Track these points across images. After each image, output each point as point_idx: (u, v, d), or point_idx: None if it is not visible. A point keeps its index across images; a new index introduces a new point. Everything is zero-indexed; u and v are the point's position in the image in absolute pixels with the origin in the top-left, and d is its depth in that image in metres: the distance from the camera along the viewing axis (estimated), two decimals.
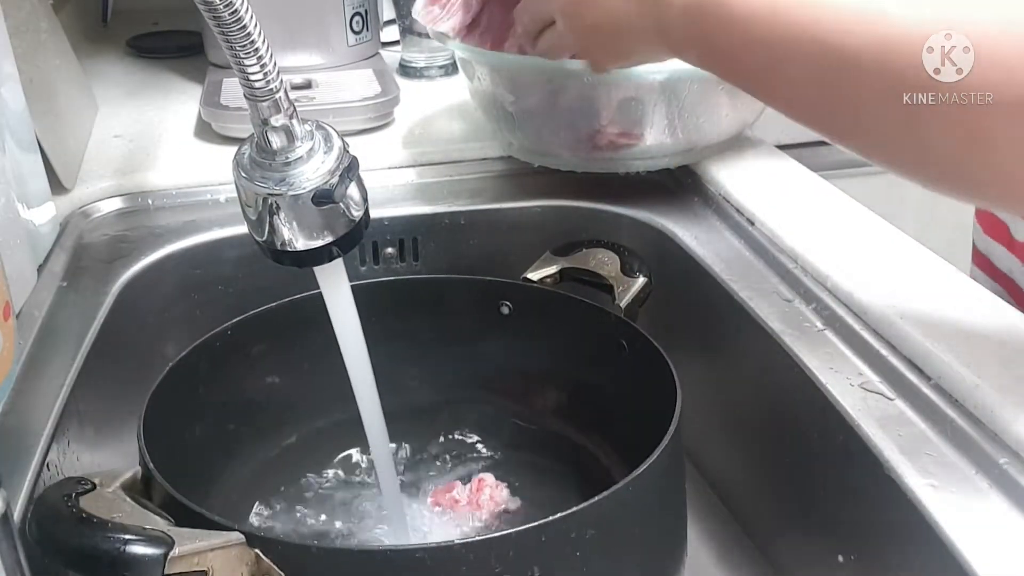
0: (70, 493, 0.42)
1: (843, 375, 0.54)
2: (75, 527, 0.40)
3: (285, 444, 0.66)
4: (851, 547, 0.52)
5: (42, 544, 0.40)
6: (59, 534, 0.40)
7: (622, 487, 0.45)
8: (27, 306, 0.62)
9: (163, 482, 0.45)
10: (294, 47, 0.97)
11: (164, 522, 0.42)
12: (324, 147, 0.47)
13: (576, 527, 0.43)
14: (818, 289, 0.61)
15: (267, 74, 0.44)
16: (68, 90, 0.87)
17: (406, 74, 1.06)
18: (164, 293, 0.71)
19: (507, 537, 0.43)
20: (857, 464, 0.49)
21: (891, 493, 0.46)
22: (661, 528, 0.51)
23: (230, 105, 0.86)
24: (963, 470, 0.46)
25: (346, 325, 0.53)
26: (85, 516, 0.41)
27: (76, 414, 0.57)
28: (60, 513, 0.41)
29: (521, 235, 0.78)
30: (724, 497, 0.67)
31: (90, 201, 0.77)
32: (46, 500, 0.42)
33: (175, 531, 0.41)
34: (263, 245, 0.49)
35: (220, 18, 0.41)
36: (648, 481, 0.46)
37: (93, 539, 0.40)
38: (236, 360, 0.61)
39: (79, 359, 0.59)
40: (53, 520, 0.41)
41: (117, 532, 0.40)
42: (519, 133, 0.78)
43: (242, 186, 0.48)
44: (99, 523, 0.40)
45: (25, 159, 0.66)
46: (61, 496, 0.42)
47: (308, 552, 0.43)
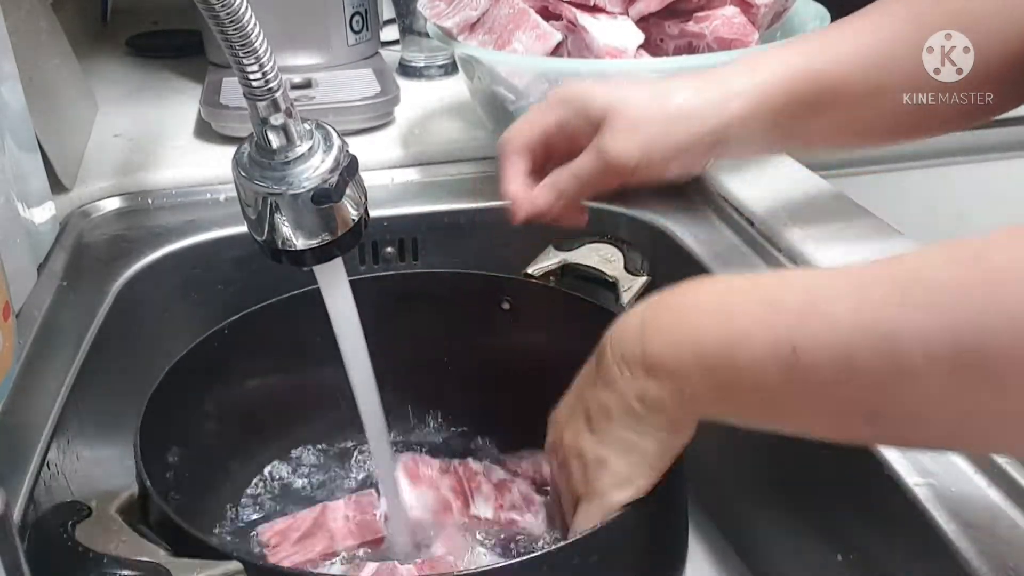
0: (66, 522, 0.42)
1: None
2: (71, 561, 0.40)
3: (284, 443, 0.67)
4: (850, 546, 0.52)
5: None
6: (55, 568, 0.40)
7: (626, 514, 0.44)
8: (27, 305, 0.62)
9: (161, 504, 0.45)
10: (294, 46, 0.97)
11: (163, 552, 0.42)
12: (324, 146, 0.47)
13: (580, 555, 0.43)
14: None
15: (266, 73, 0.44)
16: (68, 89, 0.87)
17: (406, 74, 1.06)
18: (164, 292, 0.71)
19: (510, 568, 0.42)
20: (856, 463, 0.49)
21: (890, 492, 0.46)
22: (663, 549, 0.50)
23: (230, 104, 0.86)
24: (962, 469, 0.46)
25: (346, 324, 0.53)
26: (81, 550, 0.40)
27: (76, 413, 0.57)
28: (56, 545, 0.41)
29: (521, 235, 0.78)
30: (721, 495, 0.67)
31: (90, 200, 0.77)
32: (42, 528, 0.42)
33: (172, 562, 0.40)
34: (263, 244, 0.49)
35: (218, 17, 0.41)
36: (651, 507, 0.45)
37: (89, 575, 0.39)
38: (236, 359, 0.61)
39: (79, 358, 0.59)
40: (49, 552, 0.41)
41: (113, 568, 0.40)
42: None
43: (242, 185, 0.48)
44: (95, 558, 0.40)
45: (25, 158, 0.66)
46: (57, 525, 0.41)
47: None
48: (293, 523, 0.59)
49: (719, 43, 0.71)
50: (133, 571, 0.39)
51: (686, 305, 0.43)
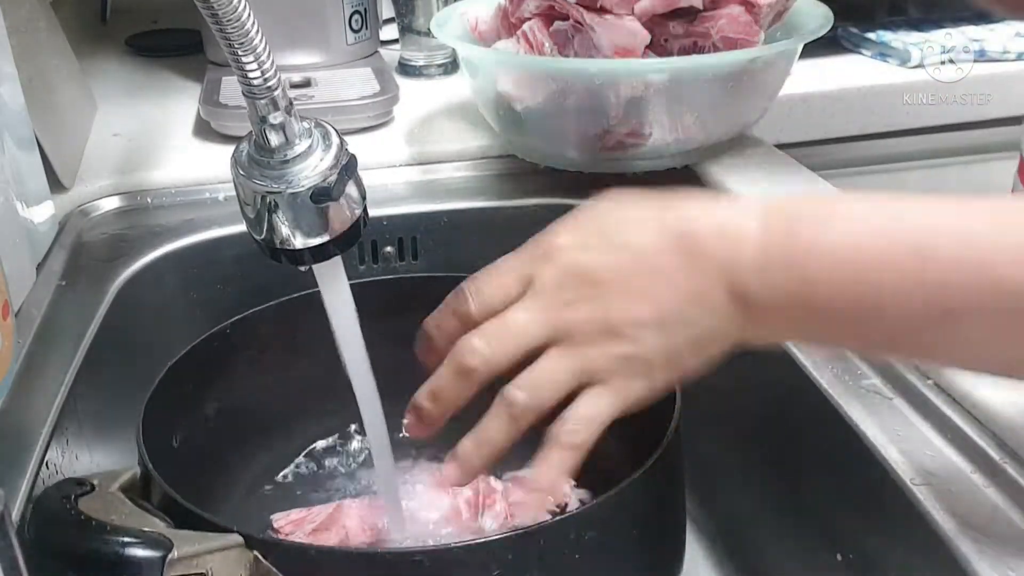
0: (69, 495, 0.42)
1: (841, 374, 0.54)
2: (74, 530, 0.40)
3: (285, 443, 0.66)
4: (849, 546, 0.52)
5: (41, 546, 0.40)
6: (58, 537, 0.41)
7: (622, 489, 0.44)
8: (26, 305, 0.62)
9: (162, 483, 0.45)
10: (293, 45, 0.97)
11: (163, 524, 0.42)
12: (322, 145, 0.47)
13: (576, 529, 0.43)
14: None
15: (265, 72, 0.44)
16: (67, 89, 0.87)
17: (405, 73, 1.06)
18: (163, 292, 0.71)
19: (506, 540, 0.42)
20: (855, 463, 0.49)
21: (890, 492, 0.46)
22: (661, 529, 0.50)
23: (229, 103, 0.86)
24: (961, 469, 0.46)
25: (345, 323, 0.52)
26: (84, 518, 0.41)
27: (75, 413, 0.57)
28: (59, 515, 0.41)
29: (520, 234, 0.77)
30: (722, 494, 0.67)
31: (89, 200, 0.77)
32: (45, 502, 0.42)
33: (174, 533, 0.41)
34: (262, 243, 0.49)
35: (218, 16, 0.41)
36: (648, 482, 0.46)
37: (92, 542, 0.40)
38: (235, 359, 0.61)
39: (78, 358, 0.59)
40: (52, 522, 0.41)
41: (116, 535, 0.40)
42: (525, 133, 0.78)
43: (240, 184, 0.47)
44: (98, 526, 0.40)
45: (24, 158, 0.66)
46: (60, 498, 0.42)
47: (307, 554, 0.43)
48: (308, 515, 0.59)
49: (725, 43, 0.71)
50: (135, 539, 0.40)
51: (820, 250, 0.38)
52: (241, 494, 0.63)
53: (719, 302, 0.40)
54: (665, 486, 0.50)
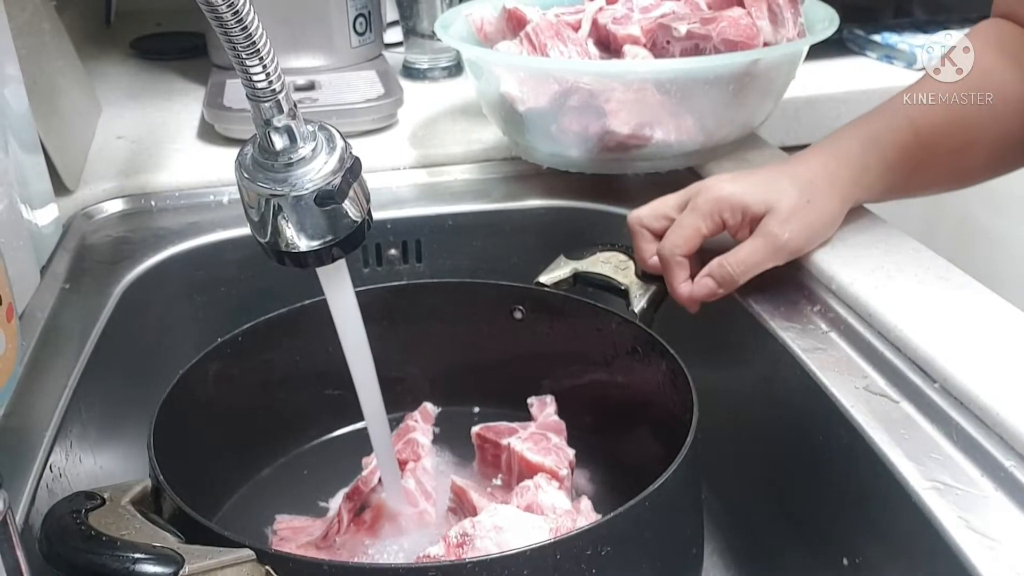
0: (79, 509, 0.42)
1: (848, 377, 0.54)
2: (84, 545, 0.40)
3: (296, 451, 0.66)
4: (855, 550, 0.52)
5: (52, 561, 0.40)
6: (68, 552, 0.40)
7: (639, 502, 0.44)
8: (30, 307, 0.62)
9: (174, 497, 0.45)
10: (297, 48, 0.97)
11: (174, 539, 0.42)
12: (327, 148, 0.47)
13: (592, 544, 0.42)
14: (823, 292, 0.60)
15: (269, 75, 0.44)
16: (71, 92, 0.87)
17: (409, 75, 1.06)
18: (167, 295, 0.71)
19: (520, 555, 0.42)
20: (862, 467, 0.49)
21: (896, 496, 0.46)
22: (678, 541, 0.50)
23: (233, 106, 0.86)
24: (968, 473, 0.46)
25: (349, 326, 0.52)
26: (94, 534, 0.40)
27: (79, 415, 0.57)
28: (69, 530, 0.41)
29: (525, 236, 0.78)
30: (728, 499, 0.67)
31: (93, 202, 0.77)
32: (55, 515, 0.42)
33: (185, 548, 0.40)
34: (266, 246, 0.49)
35: (222, 19, 0.41)
36: (666, 495, 0.45)
37: (102, 557, 0.39)
38: (247, 366, 0.61)
39: (82, 360, 0.59)
40: (62, 537, 0.41)
41: (126, 551, 0.40)
42: (528, 134, 0.78)
43: (245, 187, 0.47)
44: (108, 541, 0.40)
45: (28, 160, 0.66)
46: (70, 512, 0.41)
47: (319, 569, 0.42)
48: (310, 526, 0.59)
49: (726, 45, 0.71)
50: (146, 555, 0.39)
51: None
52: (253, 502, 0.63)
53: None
54: (683, 496, 0.49)
